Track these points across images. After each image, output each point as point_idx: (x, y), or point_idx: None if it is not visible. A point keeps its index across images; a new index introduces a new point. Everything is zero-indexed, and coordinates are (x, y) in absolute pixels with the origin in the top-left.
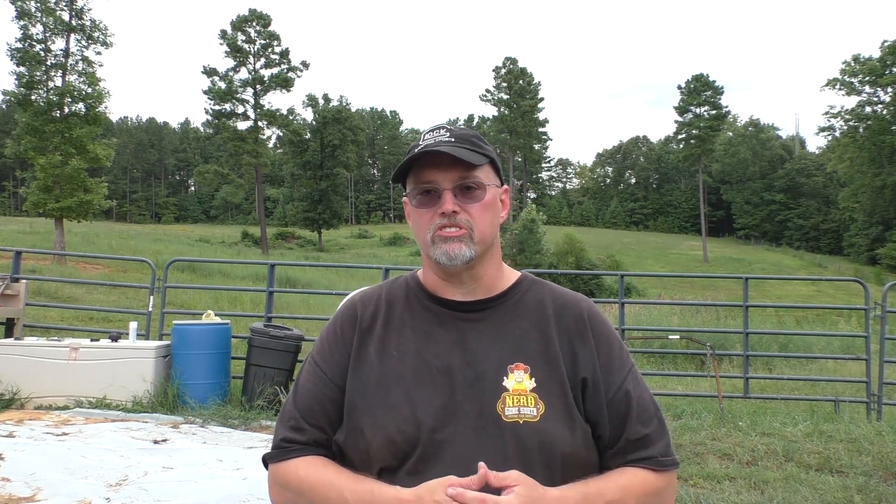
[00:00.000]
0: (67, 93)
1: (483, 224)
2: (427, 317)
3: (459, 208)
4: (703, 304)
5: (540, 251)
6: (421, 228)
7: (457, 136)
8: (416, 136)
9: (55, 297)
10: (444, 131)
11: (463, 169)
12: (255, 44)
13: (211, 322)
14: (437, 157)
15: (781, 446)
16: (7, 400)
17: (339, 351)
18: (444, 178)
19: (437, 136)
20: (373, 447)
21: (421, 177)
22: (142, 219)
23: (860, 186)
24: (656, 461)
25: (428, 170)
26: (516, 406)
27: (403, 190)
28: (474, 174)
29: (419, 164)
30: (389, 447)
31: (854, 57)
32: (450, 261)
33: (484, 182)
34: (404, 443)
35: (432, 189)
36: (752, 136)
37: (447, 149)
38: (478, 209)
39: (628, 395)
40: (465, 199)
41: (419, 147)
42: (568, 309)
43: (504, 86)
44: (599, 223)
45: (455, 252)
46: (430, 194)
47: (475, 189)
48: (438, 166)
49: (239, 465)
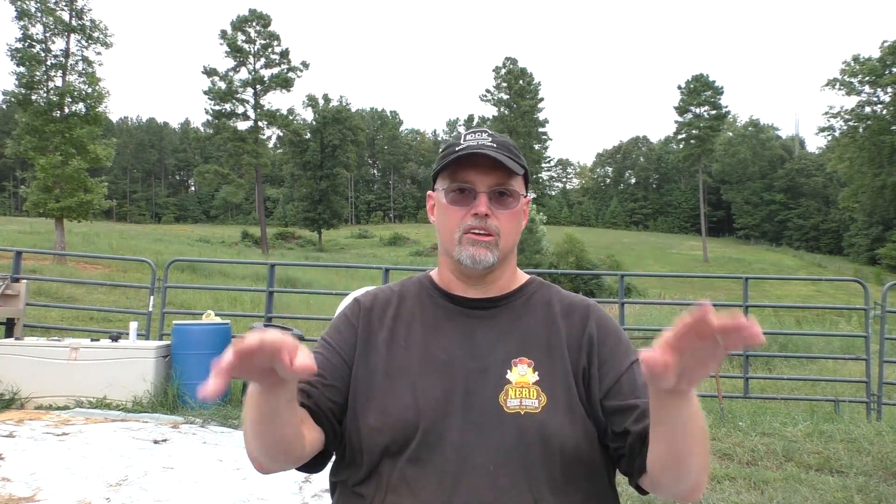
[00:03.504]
0: (67, 93)
1: (509, 232)
2: (437, 311)
3: (492, 213)
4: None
5: (540, 251)
6: (449, 226)
7: (498, 142)
8: (418, 137)
9: (55, 297)
10: (486, 135)
11: (501, 175)
12: (255, 44)
13: (211, 322)
14: (479, 158)
15: (781, 446)
16: (7, 400)
17: (348, 332)
18: (481, 180)
19: (480, 138)
20: (375, 433)
21: (459, 175)
22: (142, 219)
23: (860, 186)
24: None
25: (467, 170)
26: (518, 398)
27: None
28: (510, 182)
29: (459, 163)
30: (391, 433)
31: (854, 57)
32: (473, 264)
33: (518, 191)
34: (405, 430)
35: (468, 189)
36: (752, 136)
37: (492, 153)
38: (508, 216)
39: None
40: (498, 205)
41: (461, 146)
42: (574, 308)
43: (504, 86)
44: (599, 223)
45: (480, 257)
46: (464, 193)
47: (509, 197)
48: (478, 168)
49: (239, 465)
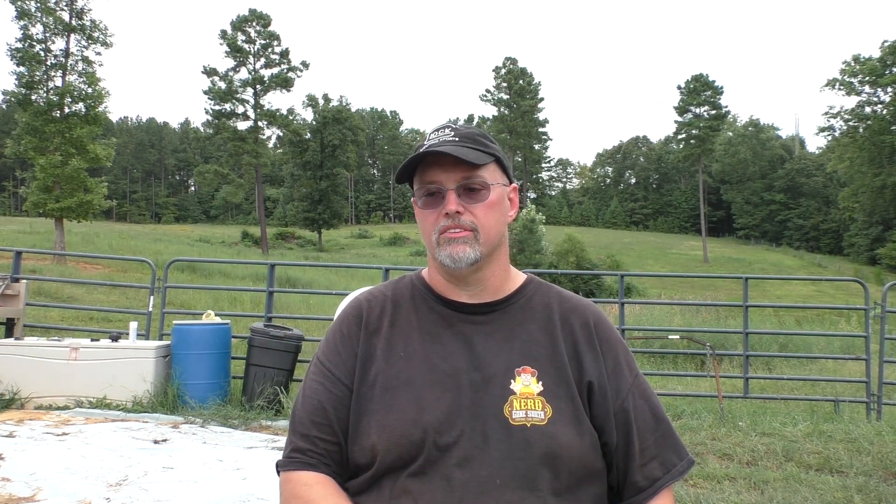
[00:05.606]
0: (67, 93)
1: (488, 224)
2: (434, 318)
3: (463, 209)
4: (703, 304)
5: (540, 251)
6: (426, 230)
7: (461, 136)
8: (418, 137)
9: (55, 297)
10: (449, 130)
11: (466, 169)
12: (255, 44)
13: (211, 322)
14: (441, 157)
15: (781, 446)
16: (7, 400)
17: (345, 350)
18: (447, 178)
19: (441, 135)
20: (378, 448)
21: (425, 177)
22: (142, 219)
23: (860, 186)
24: (675, 471)
25: (432, 170)
26: (524, 409)
27: (410, 190)
28: (478, 173)
29: (424, 165)
30: (395, 449)
31: (854, 57)
32: (454, 263)
33: (488, 181)
34: (410, 445)
35: (436, 190)
36: (752, 136)
37: (449, 149)
38: (482, 209)
39: (636, 401)
40: (469, 200)
41: (423, 147)
42: (574, 314)
43: (504, 86)
44: (599, 223)
45: (460, 254)
46: (434, 195)
47: (479, 189)
48: (442, 166)
49: (239, 465)
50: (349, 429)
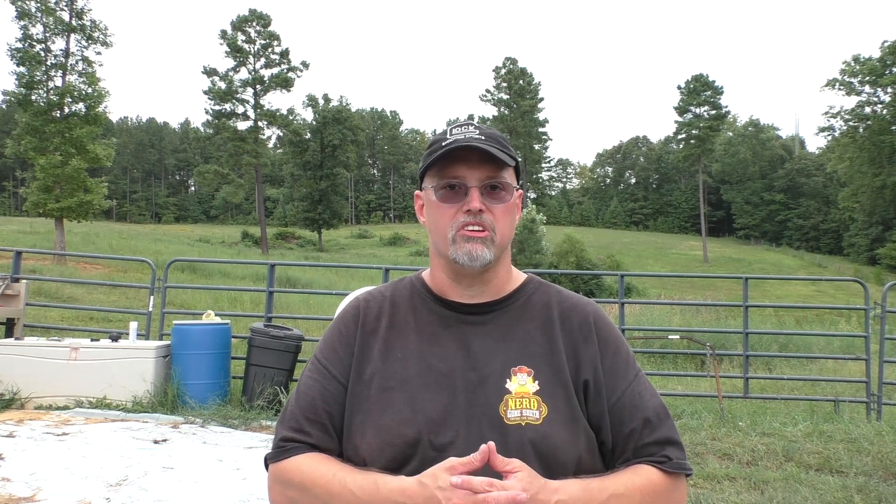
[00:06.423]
0: (67, 93)
1: (505, 227)
2: (432, 319)
3: (485, 208)
4: (703, 304)
5: (540, 251)
6: (441, 224)
7: (486, 135)
8: (418, 137)
9: (55, 297)
10: (474, 128)
11: (492, 168)
12: (255, 44)
13: (211, 322)
14: (466, 153)
15: (781, 446)
16: (7, 400)
17: (342, 349)
18: (472, 174)
19: (467, 132)
20: (374, 449)
21: (448, 171)
22: (142, 219)
23: (860, 186)
24: (669, 463)
25: (456, 165)
26: (519, 409)
27: (418, 183)
28: (502, 174)
29: (447, 159)
30: (389, 449)
31: (854, 57)
32: (471, 261)
33: (511, 184)
34: (405, 446)
35: (458, 185)
36: (752, 136)
37: (481, 145)
38: (502, 211)
39: (634, 399)
40: (490, 200)
41: (448, 141)
42: (574, 312)
43: (504, 86)
44: (599, 223)
45: (477, 253)
46: (455, 190)
47: (501, 190)
48: (466, 162)
49: (239, 465)
50: (343, 427)
